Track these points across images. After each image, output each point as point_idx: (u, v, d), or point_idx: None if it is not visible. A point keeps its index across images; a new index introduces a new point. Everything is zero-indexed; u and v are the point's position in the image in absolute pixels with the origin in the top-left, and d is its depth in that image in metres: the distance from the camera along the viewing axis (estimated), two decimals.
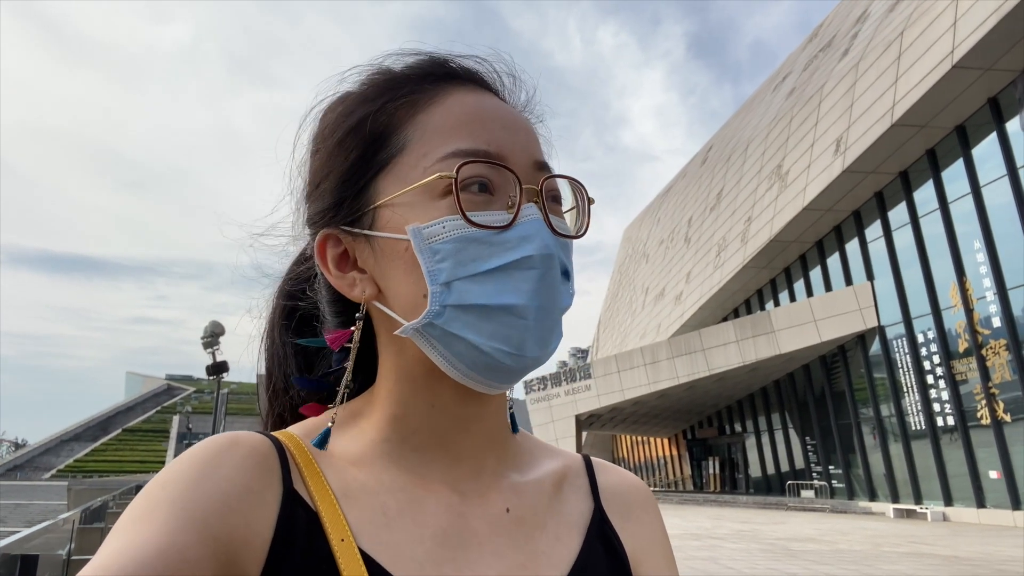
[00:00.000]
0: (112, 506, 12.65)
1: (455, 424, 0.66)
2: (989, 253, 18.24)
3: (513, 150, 0.63)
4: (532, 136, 0.67)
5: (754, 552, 12.65)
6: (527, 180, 0.62)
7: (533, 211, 0.61)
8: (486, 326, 0.59)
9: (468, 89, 0.67)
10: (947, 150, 19.75)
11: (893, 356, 22.21)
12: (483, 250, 0.59)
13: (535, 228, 0.60)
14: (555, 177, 0.65)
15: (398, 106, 0.65)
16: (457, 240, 0.59)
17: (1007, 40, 15.95)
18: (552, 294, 0.60)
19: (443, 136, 0.63)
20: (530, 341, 0.60)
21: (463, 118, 0.63)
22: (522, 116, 0.69)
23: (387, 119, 0.65)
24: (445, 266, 0.60)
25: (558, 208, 0.66)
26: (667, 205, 44.28)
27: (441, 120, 0.64)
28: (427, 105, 0.65)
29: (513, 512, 0.67)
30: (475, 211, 0.60)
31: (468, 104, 0.65)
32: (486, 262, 0.59)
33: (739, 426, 33.27)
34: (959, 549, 13.11)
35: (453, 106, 0.64)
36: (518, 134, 0.65)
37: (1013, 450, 17.82)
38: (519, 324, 0.59)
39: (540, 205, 0.62)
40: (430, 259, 0.60)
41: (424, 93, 0.65)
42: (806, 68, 28.21)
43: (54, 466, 76.98)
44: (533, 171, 0.64)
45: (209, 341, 16.28)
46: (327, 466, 0.63)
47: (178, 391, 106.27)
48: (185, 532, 0.50)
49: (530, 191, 0.62)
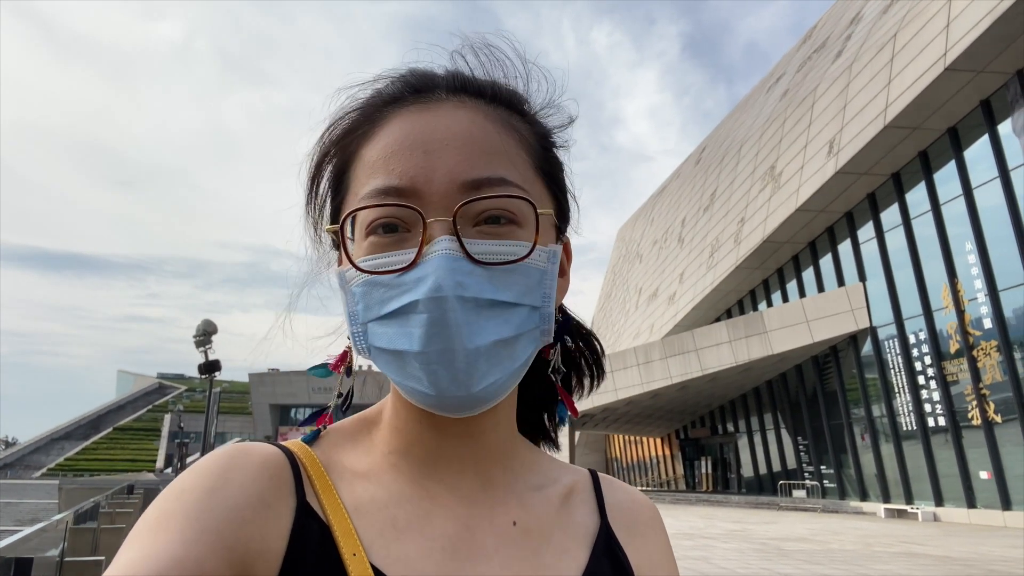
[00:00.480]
0: (104, 506, 12.58)
1: (451, 438, 0.66)
2: (981, 255, 18.34)
3: (430, 178, 0.59)
4: (470, 149, 0.61)
5: (746, 552, 12.68)
6: (443, 209, 0.59)
7: (441, 246, 0.57)
8: (399, 367, 0.59)
9: (411, 111, 0.64)
10: (939, 152, 19.85)
11: (885, 357, 22.31)
12: (385, 293, 0.59)
13: (433, 267, 0.57)
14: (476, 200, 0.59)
15: (350, 142, 0.66)
16: (364, 284, 0.60)
17: (999, 43, 16.03)
18: (452, 335, 0.56)
19: (366, 174, 0.62)
20: (443, 382, 0.57)
21: (385, 152, 0.62)
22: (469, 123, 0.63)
23: (343, 156, 0.67)
24: (359, 309, 0.61)
25: (502, 230, 0.60)
26: (661, 205, 44.37)
27: (371, 155, 0.63)
28: (367, 140, 0.64)
29: (520, 525, 0.67)
30: (379, 253, 0.59)
31: (395, 133, 0.63)
32: (386, 306, 0.59)
33: (731, 426, 33.35)
34: (950, 549, 13.18)
35: (383, 138, 0.63)
36: (443, 155, 0.60)
37: (1003, 451, 17.93)
38: (422, 369, 0.57)
39: (455, 234, 0.58)
40: (350, 301, 0.62)
41: (370, 124, 0.65)
42: (799, 70, 28.30)
43: (44, 464, 76.53)
44: (457, 194, 0.59)
45: (202, 340, 16.23)
46: (338, 478, 0.64)
47: (170, 390, 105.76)
48: (200, 543, 0.51)
49: (441, 224, 0.58)
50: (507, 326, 0.60)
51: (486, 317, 0.58)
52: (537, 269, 0.62)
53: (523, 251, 0.60)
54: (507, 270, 0.60)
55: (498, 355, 0.59)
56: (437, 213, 0.59)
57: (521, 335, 0.61)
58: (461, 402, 0.58)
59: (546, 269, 0.63)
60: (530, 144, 0.67)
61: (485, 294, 0.58)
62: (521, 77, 0.71)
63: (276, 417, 73.58)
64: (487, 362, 0.58)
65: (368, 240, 0.60)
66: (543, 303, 0.63)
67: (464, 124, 0.63)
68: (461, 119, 0.63)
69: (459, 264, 0.57)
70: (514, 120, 0.67)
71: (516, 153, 0.65)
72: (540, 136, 0.70)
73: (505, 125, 0.66)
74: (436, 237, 0.58)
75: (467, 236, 0.59)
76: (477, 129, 0.63)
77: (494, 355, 0.59)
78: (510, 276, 0.60)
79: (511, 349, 0.60)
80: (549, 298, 0.63)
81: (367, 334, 0.61)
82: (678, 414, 36.30)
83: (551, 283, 0.64)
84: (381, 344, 0.60)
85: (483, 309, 0.58)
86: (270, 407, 73.67)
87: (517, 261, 0.60)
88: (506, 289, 0.60)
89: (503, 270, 0.60)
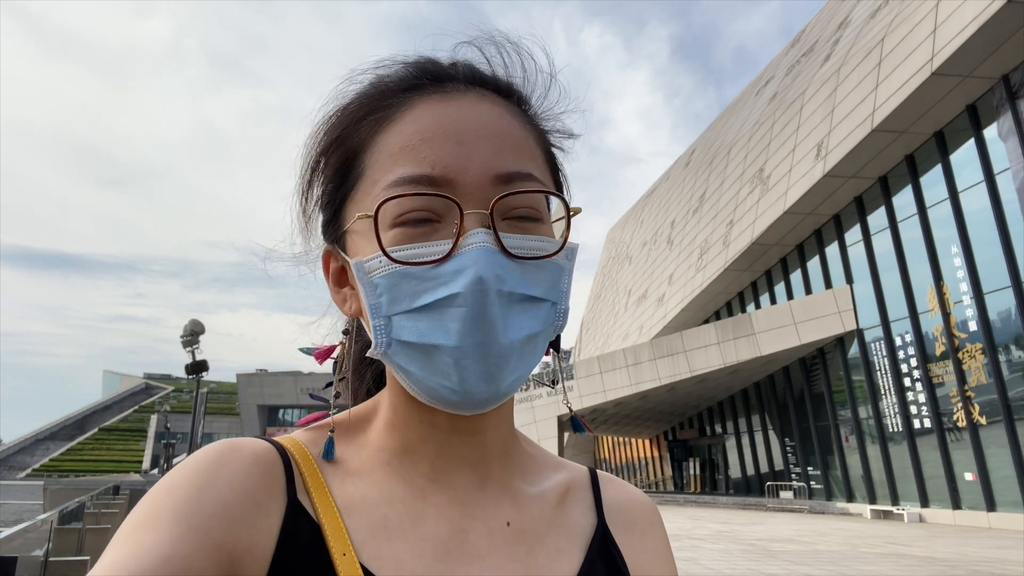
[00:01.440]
0: (90, 506, 12.49)
1: (451, 436, 0.65)
2: (966, 258, 18.48)
3: (465, 168, 0.59)
4: (501, 142, 0.61)
5: (734, 553, 12.73)
6: (479, 201, 0.58)
7: (478, 238, 0.57)
8: (426, 362, 0.58)
9: (433, 99, 0.63)
10: (926, 156, 19.99)
11: (871, 359, 22.45)
12: (416, 286, 0.57)
13: (472, 259, 0.56)
14: (514, 194, 0.59)
15: (362, 127, 0.64)
16: (391, 276, 0.58)
17: (986, 48, 16.17)
18: (489, 330, 0.56)
19: (391, 161, 0.61)
20: (472, 379, 0.57)
21: (414, 138, 0.60)
22: (495, 116, 0.63)
23: (352, 143, 0.64)
24: (383, 301, 0.59)
25: (531, 225, 0.61)
26: (650, 207, 44.46)
27: (394, 142, 0.61)
28: (387, 125, 0.63)
29: (514, 525, 0.66)
30: (411, 243, 0.58)
31: (423, 120, 0.61)
32: (418, 298, 0.57)
33: (719, 427, 33.44)
34: (935, 550, 13.27)
35: (408, 125, 0.61)
36: (477, 146, 0.60)
37: (988, 452, 18.07)
38: (454, 364, 0.56)
39: (491, 227, 0.58)
40: (371, 293, 0.60)
41: (388, 110, 0.63)
42: (788, 73, 28.44)
43: (29, 465, 75.83)
44: (490, 187, 0.59)
45: (189, 340, 16.12)
46: (331, 476, 0.63)
47: (156, 390, 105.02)
48: (188, 540, 0.50)
49: (477, 216, 0.58)
50: (536, 321, 0.60)
51: (517, 312, 0.58)
52: (559, 266, 0.62)
53: (553, 247, 0.61)
54: (538, 266, 0.60)
55: (525, 350, 0.59)
56: (472, 205, 0.58)
57: (544, 331, 0.61)
58: (487, 397, 0.58)
59: (565, 267, 0.64)
60: (542, 142, 0.68)
61: (519, 289, 0.58)
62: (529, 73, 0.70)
63: (264, 418, 73.18)
64: (517, 357, 0.58)
65: (395, 230, 0.58)
66: (561, 299, 0.63)
67: (491, 116, 0.63)
68: (487, 111, 0.63)
69: (496, 258, 0.57)
70: (526, 117, 0.68)
71: (536, 151, 0.65)
72: (545, 135, 0.70)
73: (523, 122, 0.66)
74: (471, 229, 0.57)
75: (500, 230, 0.59)
76: (504, 123, 0.63)
77: (523, 349, 0.59)
78: (540, 272, 0.60)
79: (535, 345, 0.61)
80: (566, 295, 0.64)
81: (391, 327, 0.59)
82: (667, 415, 36.37)
83: (568, 280, 0.64)
84: (409, 338, 0.58)
85: (515, 304, 0.58)
86: (258, 408, 73.26)
87: (548, 257, 0.61)
88: (536, 284, 0.60)
89: (535, 265, 0.60)
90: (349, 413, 0.69)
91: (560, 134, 0.72)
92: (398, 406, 0.66)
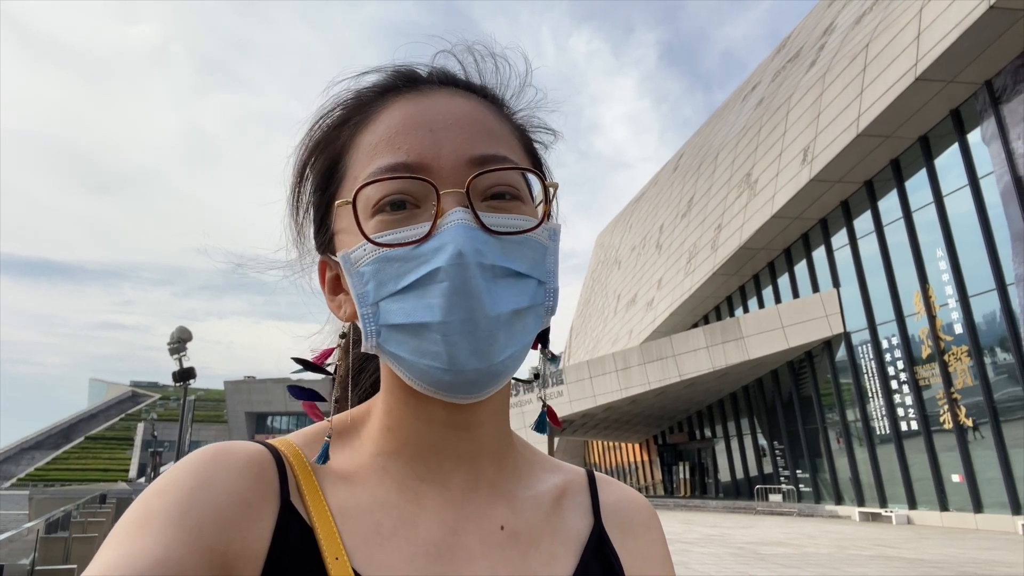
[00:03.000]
0: (76, 515, 12.37)
1: (446, 434, 0.65)
2: (951, 261, 18.64)
3: (438, 154, 0.61)
4: (473, 129, 0.63)
5: (723, 556, 12.75)
6: (455, 183, 0.60)
7: (456, 216, 0.58)
8: (416, 343, 0.58)
9: (407, 98, 0.65)
10: (911, 160, 20.17)
11: (858, 362, 22.57)
12: (399, 268, 0.58)
13: (451, 235, 0.57)
14: (487, 172, 0.61)
15: (343, 131, 0.66)
16: (375, 261, 0.59)
17: (969, 54, 16.34)
18: (474, 303, 0.56)
19: (370, 155, 0.62)
20: (462, 355, 0.57)
21: (389, 132, 0.62)
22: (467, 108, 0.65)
23: (335, 148, 0.66)
24: (370, 288, 0.60)
25: (509, 204, 0.62)
26: (639, 212, 44.60)
27: (371, 139, 0.63)
28: (365, 126, 0.65)
29: (508, 529, 0.66)
30: (390, 229, 0.59)
31: (396, 116, 0.63)
32: (402, 279, 0.58)
33: (709, 431, 33.53)
34: (923, 551, 13.35)
35: (383, 122, 0.63)
36: (449, 133, 0.62)
37: (975, 454, 18.20)
38: (442, 340, 0.57)
39: (468, 205, 0.59)
40: (358, 282, 0.61)
41: (365, 113, 0.65)
42: (774, 79, 28.64)
43: (14, 475, 74.91)
44: (465, 169, 0.61)
45: (176, 347, 16.02)
46: (324, 479, 0.63)
47: (143, 398, 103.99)
48: (181, 543, 0.50)
49: (454, 196, 0.59)
50: (522, 296, 0.61)
51: (502, 286, 0.59)
52: (542, 244, 0.63)
53: (532, 224, 0.62)
54: (517, 241, 0.61)
55: (514, 326, 0.60)
56: (449, 186, 0.60)
57: (532, 307, 0.62)
58: (479, 375, 0.58)
59: (549, 246, 0.64)
60: (519, 135, 0.70)
61: (501, 262, 0.59)
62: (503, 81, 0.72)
63: (252, 425, 72.74)
64: (506, 332, 0.59)
65: (375, 218, 0.60)
66: (548, 279, 0.64)
67: (464, 108, 0.65)
68: (460, 104, 0.65)
69: (475, 233, 0.58)
70: (501, 113, 0.70)
71: (512, 140, 0.67)
72: (523, 131, 0.72)
73: (497, 114, 0.68)
74: (449, 209, 0.58)
75: (479, 210, 0.60)
76: (477, 113, 0.65)
77: (511, 325, 0.59)
78: (520, 248, 0.61)
79: (524, 321, 0.61)
80: (553, 275, 0.65)
81: (379, 314, 0.60)
82: (656, 420, 36.43)
83: (554, 260, 0.65)
84: (397, 320, 0.59)
85: (499, 278, 0.59)
86: (246, 415, 72.81)
87: (527, 232, 0.61)
88: (519, 260, 0.61)
89: (514, 241, 0.61)
90: (351, 415, 0.70)
91: (539, 130, 0.74)
92: (393, 406, 0.66)
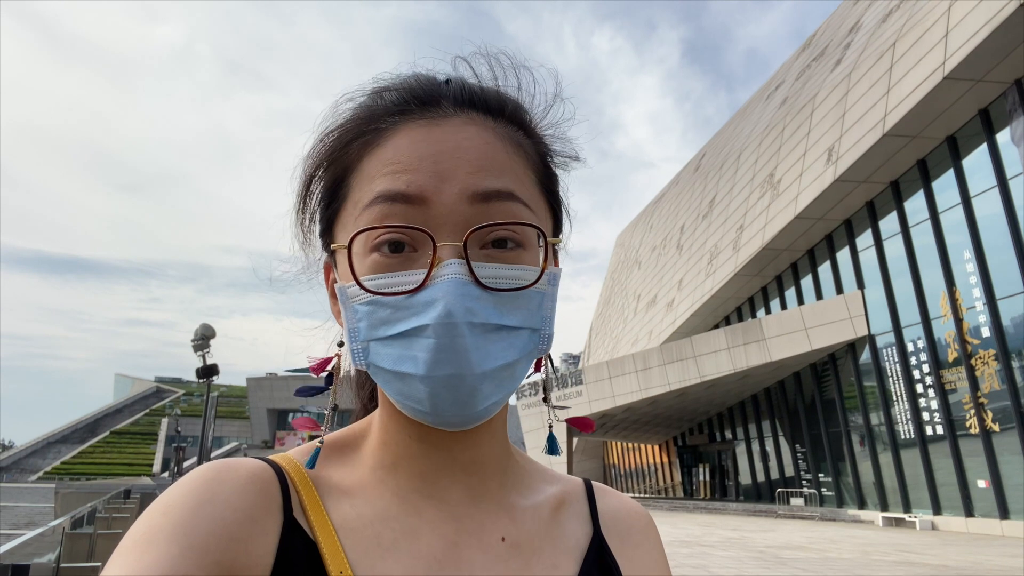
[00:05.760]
0: (101, 511, 12.55)
1: (441, 453, 0.66)
2: (979, 263, 18.36)
3: (439, 188, 0.59)
4: (480, 163, 0.61)
5: (744, 560, 12.66)
6: (455, 222, 0.58)
7: (451, 269, 0.57)
8: (400, 387, 0.59)
9: (418, 124, 0.63)
10: (938, 161, 19.89)
11: (883, 365, 22.31)
12: (390, 315, 0.58)
13: (443, 291, 0.56)
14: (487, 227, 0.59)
15: (351, 149, 0.65)
16: (369, 303, 0.59)
17: (998, 52, 16.09)
18: (460, 360, 0.56)
19: (370, 182, 0.61)
20: (443, 406, 0.57)
21: (395, 158, 0.61)
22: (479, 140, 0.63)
23: (342, 164, 0.65)
24: (362, 327, 0.60)
25: (508, 254, 0.60)
26: (660, 212, 44.41)
27: (376, 163, 0.62)
28: (372, 149, 0.63)
29: (509, 540, 0.66)
30: (385, 272, 0.58)
31: (404, 143, 0.62)
32: (392, 327, 0.58)
33: (729, 433, 33.32)
34: (947, 558, 13.16)
35: (389, 148, 0.62)
36: (454, 166, 0.60)
37: (1001, 459, 17.92)
38: (425, 391, 0.57)
39: (464, 258, 0.57)
40: (352, 317, 0.61)
41: (375, 134, 0.64)
42: (799, 78, 28.38)
43: (41, 468, 76.28)
44: (467, 206, 0.59)
45: (199, 344, 16.21)
46: (326, 494, 0.63)
47: (167, 394, 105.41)
48: (186, 559, 0.50)
49: (451, 248, 0.58)
50: (511, 350, 0.60)
51: (492, 341, 0.58)
52: (539, 292, 0.62)
53: (531, 277, 0.61)
54: (513, 296, 0.60)
55: (501, 377, 0.59)
56: (446, 232, 0.58)
57: (522, 358, 0.61)
58: (463, 420, 0.59)
59: (547, 292, 0.63)
60: (534, 161, 0.68)
61: (492, 319, 0.58)
62: (526, 90, 0.70)
63: (274, 421, 73.48)
64: (491, 384, 0.59)
65: (371, 257, 0.59)
66: (543, 325, 0.63)
67: (475, 140, 0.63)
68: (470, 135, 0.63)
69: (468, 289, 0.57)
70: (519, 136, 0.67)
71: (523, 172, 0.65)
72: (542, 151, 0.70)
73: (511, 142, 0.65)
74: (445, 260, 0.58)
75: (475, 259, 0.59)
76: (486, 145, 0.63)
77: (498, 376, 0.59)
78: (515, 301, 0.60)
79: (512, 371, 0.61)
80: (549, 320, 0.64)
81: (368, 352, 0.60)
82: (676, 421, 36.26)
83: (551, 305, 0.64)
84: (384, 364, 0.59)
85: (489, 333, 0.58)
86: (268, 411, 73.58)
87: (524, 288, 0.60)
88: (511, 314, 0.60)
89: (510, 296, 0.60)
90: (352, 429, 0.70)
91: (561, 156, 0.72)
92: (388, 423, 0.66)
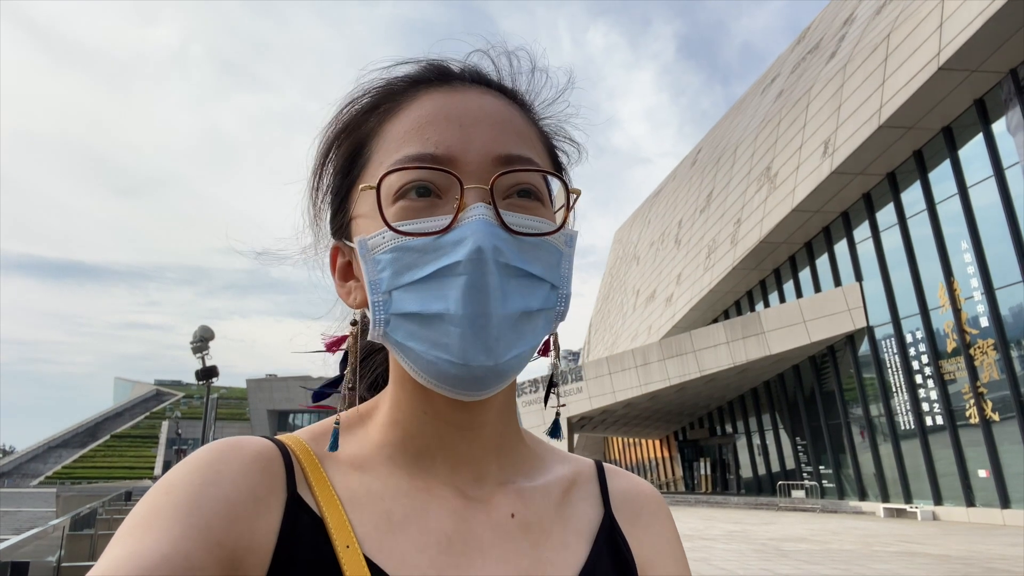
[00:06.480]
0: (102, 513, 12.55)
1: (451, 430, 0.66)
2: (976, 254, 18.38)
3: (466, 149, 0.61)
4: (501, 128, 0.64)
5: (746, 552, 12.68)
6: (480, 178, 0.60)
7: (478, 211, 0.58)
8: (426, 334, 0.58)
9: (439, 92, 0.65)
10: (934, 151, 19.90)
11: (882, 356, 22.33)
12: (418, 258, 0.58)
13: (471, 230, 0.57)
14: (511, 172, 0.61)
15: (371, 118, 0.66)
16: (394, 249, 0.59)
17: (992, 42, 16.09)
18: (487, 299, 0.56)
19: (396, 144, 0.62)
20: (471, 350, 0.57)
21: (418, 123, 0.63)
22: (497, 107, 0.65)
23: (361, 133, 0.67)
24: (385, 276, 0.60)
25: (531, 204, 0.62)
26: (657, 207, 44.41)
27: (399, 128, 0.63)
28: (394, 115, 0.65)
29: (518, 518, 0.66)
30: (413, 218, 0.59)
31: (427, 107, 0.64)
32: (420, 270, 0.58)
33: (730, 427, 33.35)
34: (949, 548, 13.19)
35: (413, 112, 0.64)
36: (478, 130, 0.62)
37: (1001, 449, 17.95)
38: (454, 332, 0.57)
39: (491, 203, 0.59)
40: (373, 269, 0.61)
41: (394, 102, 0.66)
42: (794, 71, 28.37)
43: (42, 473, 76.15)
44: (491, 167, 0.61)
45: (199, 346, 16.19)
46: (333, 470, 0.63)
47: (167, 396, 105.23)
48: (189, 538, 0.50)
49: (478, 191, 0.59)
50: (533, 298, 0.61)
51: (515, 286, 0.59)
52: (558, 249, 0.64)
53: (551, 227, 0.63)
54: (535, 243, 0.61)
55: (523, 327, 0.60)
56: (473, 181, 0.60)
57: (543, 311, 0.62)
58: (485, 372, 0.58)
59: (564, 252, 0.65)
60: (545, 142, 0.71)
61: (517, 263, 0.59)
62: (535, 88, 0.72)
63: (274, 423, 73.39)
64: (514, 332, 0.59)
65: (398, 204, 0.60)
66: (562, 284, 0.64)
67: (494, 107, 0.65)
68: (490, 102, 0.66)
69: (495, 230, 0.58)
70: (531, 116, 0.70)
71: (537, 141, 0.68)
72: (548, 137, 0.73)
73: (525, 117, 0.69)
74: (471, 204, 0.59)
75: (500, 208, 0.60)
76: (506, 113, 0.66)
77: (520, 326, 0.60)
78: (537, 250, 0.61)
79: (534, 324, 0.61)
80: (567, 280, 0.65)
81: (391, 302, 0.60)
82: (676, 416, 36.29)
83: (569, 266, 0.65)
84: (410, 308, 0.59)
85: (512, 278, 0.59)
86: (268, 413, 73.48)
87: (546, 235, 0.62)
88: (534, 262, 0.61)
89: (532, 243, 0.61)
90: (358, 410, 0.70)
91: (565, 140, 0.74)
92: (401, 400, 0.66)
